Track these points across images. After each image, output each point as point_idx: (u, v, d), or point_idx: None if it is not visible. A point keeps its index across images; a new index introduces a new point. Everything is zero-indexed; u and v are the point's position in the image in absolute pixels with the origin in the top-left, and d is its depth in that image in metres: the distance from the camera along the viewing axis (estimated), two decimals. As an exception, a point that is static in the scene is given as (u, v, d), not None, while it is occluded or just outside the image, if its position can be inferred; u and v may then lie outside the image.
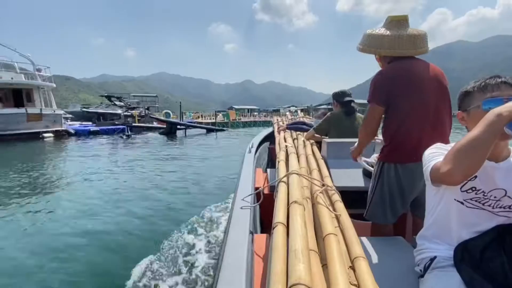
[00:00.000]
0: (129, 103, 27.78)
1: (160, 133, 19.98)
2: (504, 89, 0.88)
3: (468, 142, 0.79)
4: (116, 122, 22.08)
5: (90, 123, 23.42)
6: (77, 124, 22.52)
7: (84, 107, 29.82)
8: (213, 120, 34.01)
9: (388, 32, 1.56)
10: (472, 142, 0.79)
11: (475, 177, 0.91)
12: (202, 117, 40.71)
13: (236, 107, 65.33)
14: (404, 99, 1.47)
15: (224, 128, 26.07)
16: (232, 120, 35.36)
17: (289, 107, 65.59)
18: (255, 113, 57.63)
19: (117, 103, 27.91)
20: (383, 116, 1.58)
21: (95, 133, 19.29)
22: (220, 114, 39.41)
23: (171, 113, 38.85)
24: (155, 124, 22.88)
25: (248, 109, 61.85)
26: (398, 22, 1.57)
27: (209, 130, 23.11)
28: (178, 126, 21.19)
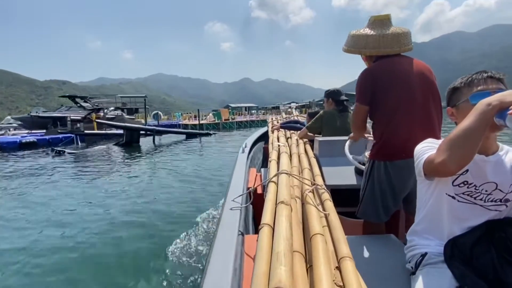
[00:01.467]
0: (96, 104, 22.73)
1: (116, 145, 14.26)
2: (490, 83, 0.91)
3: (460, 132, 0.81)
4: (59, 130, 17.17)
5: (44, 130, 18.58)
6: (23, 133, 17.80)
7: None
8: (205, 121, 28.78)
9: (372, 32, 1.56)
10: (464, 131, 0.80)
11: (467, 171, 0.92)
12: (196, 117, 35.21)
13: (233, 105, 60.69)
14: (390, 96, 1.47)
15: (211, 132, 20.45)
16: (225, 120, 30.26)
17: (289, 103, 61.01)
18: (253, 111, 52.61)
19: (84, 104, 22.92)
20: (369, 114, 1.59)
21: (29, 146, 14.13)
22: (211, 114, 34.31)
23: (161, 114, 33.92)
24: (118, 131, 16.40)
25: (245, 107, 56.99)
26: (381, 22, 1.57)
27: (189, 136, 18.00)
28: (142, 132, 15.63)
